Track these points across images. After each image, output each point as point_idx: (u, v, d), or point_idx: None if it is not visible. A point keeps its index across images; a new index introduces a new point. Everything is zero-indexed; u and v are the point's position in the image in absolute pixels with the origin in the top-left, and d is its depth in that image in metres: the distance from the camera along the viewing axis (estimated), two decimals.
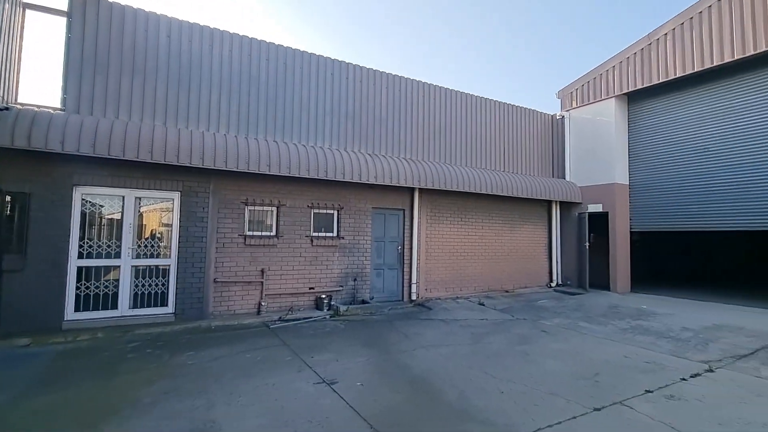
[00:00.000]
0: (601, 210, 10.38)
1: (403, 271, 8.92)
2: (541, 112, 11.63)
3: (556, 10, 46.36)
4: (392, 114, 9.00)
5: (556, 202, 11.17)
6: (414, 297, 8.81)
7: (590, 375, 4.43)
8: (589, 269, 10.36)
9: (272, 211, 7.56)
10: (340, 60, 8.41)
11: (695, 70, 8.82)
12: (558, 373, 4.49)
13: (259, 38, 7.56)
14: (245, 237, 7.16)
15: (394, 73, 9.10)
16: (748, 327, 6.20)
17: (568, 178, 11.33)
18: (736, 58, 8.17)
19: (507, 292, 10.05)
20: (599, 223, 10.43)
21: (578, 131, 11.29)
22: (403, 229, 9.00)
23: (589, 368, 4.65)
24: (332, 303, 7.66)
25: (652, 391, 3.97)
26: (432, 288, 9.21)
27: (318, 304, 7.61)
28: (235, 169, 6.57)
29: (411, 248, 8.96)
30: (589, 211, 10.62)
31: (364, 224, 8.44)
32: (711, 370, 4.59)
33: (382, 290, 8.67)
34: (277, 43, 7.73)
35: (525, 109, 11.29)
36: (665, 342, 5.67)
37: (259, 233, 7.35)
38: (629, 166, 10.38)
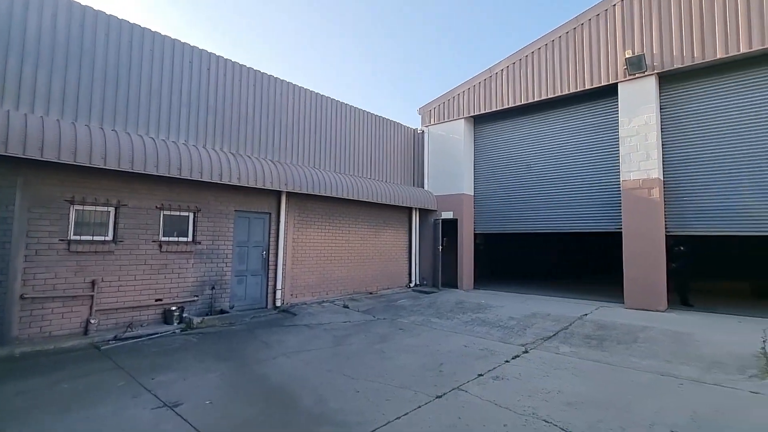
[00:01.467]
0: (452, 217, 11.72)
1: (267, 277, 8.58)
2: (405, 126, 12.58)
3: (440, 24, 50.86)
4: (260, 113, 8.62)
5: (416, 209, 12.20)
6: (279, 303, 8.56)
7: (436, 366, 4.94)
8: (442, 269, 11.59)
9: (109, 211, 6.47)
10: (201, 48, 7.70)
11: (521, 102, 10.67)
12: (409, 367, 4.89)
13: (95, 7, 6.42)
14: (69, 242, 5.96)
15: (262, 71, 8.75)
16: (554, 313, 7.74)
17: (426, 187, 12.49)
18: (548, 96, 10.17)
19: (371, 293, 10.54)
20: (451, 228, 11.76)
21: (435, 146, 12.55)
22: (269, 233, 8.68)
23: (435, 359, 5.19)
24: (184, 315, 6.91)
25: (483, 375, 4.63)
26: (298, 293, 9.09)
27: (167, 318, 6.78)
28: (55, 160, 5.43)
29: (277, 253, 8.70)
30: (442, 217, 11.89)
31: (225, 228, 7.87)
32: (527, 351, 5.59)
33: (244, 298, 8.20)
34: (120, 17, 6.68)
35: (392, 121, 12.06)
36: (496, 330, 6.69)
37: (89, 238, 6.20)
38: (474, 178, 11.97)
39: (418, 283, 12.10)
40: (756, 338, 5.95)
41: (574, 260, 18.23)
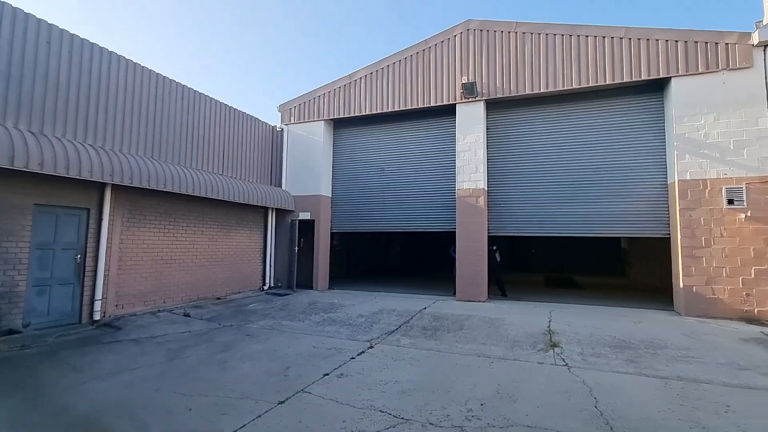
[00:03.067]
0: (309, 217, 11.70)
1: (83, 286, 7.14)
2: (264, 122, 12.03)
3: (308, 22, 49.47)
4: (77, 85, 7.12)
5: (272, 209, 11.78)
6: (99, 317, 7.21)
7: (282, 370, 4.84)
8: (298, 271, 11.45)
9: None
10: None
11: (378, 111, 11.33)
12: (253, 375, 4.67)
13: None
14: None
15: (82, 37, 7.25)
16: (399, 309, 8.41)
17: (284, 187, 12.18)
18: (401, 108, 11.03)
19: (219, 299, 9.74)
20: (309, 228, 11.72)
21: (295, 145, 12.35)
22: (86, 233, 7.24)
23: (282, 363, 5.08)
24: None
25: (328, 374, 4.72)
26: (126, 303, 7.81)
27: None
28: None
29: (97, 257, 7.31)
30: (300, 218, 11.76)
31: (17, 226, 6.24)
32: (372, 347, 5.92)
33: (47, 313, 6.65)
34: None
35: (249, 115, 11.39)
36: (345, 329, 6.92)
37: None
38: (332, 180, 12.18)
39: (272, 285, 11.70)
40: (545, 319, 7.53)
41: (422, 258, 20.20)
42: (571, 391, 4.24)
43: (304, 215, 11.81)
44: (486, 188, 10.00)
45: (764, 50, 7.98)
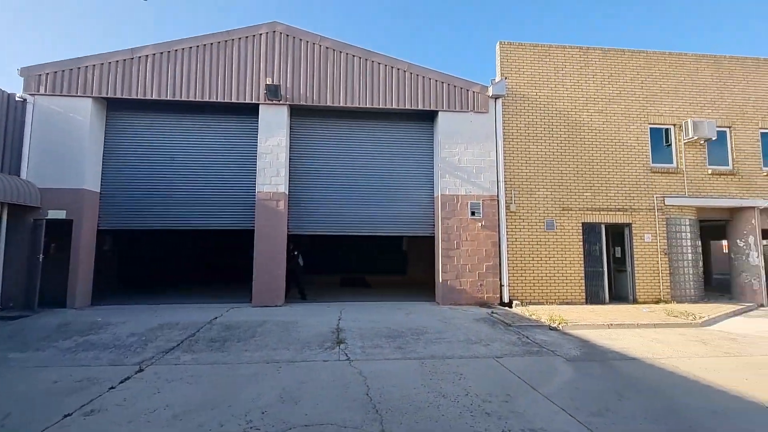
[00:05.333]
0: (65, 217, 9.25)
1: None
2: None
3: None
4: None
5: (4, 204, 8.80)
6: None
7: None
8: (45, 285, 8.87)
9: None
10: None
11: (168, 98, 9.94)
12: None
13: None
14: None
15: None
16: (184, 321, 7.53)
17: (24, 176, 9.28)
18: (198, 99, 9.99)
19: None
20: (64, 230, 9.24)
21: (45, 123, 9.58)
22: None
23: None
24: None
25: (71, 414, 3.80)
26: None
27: None
28: None
29: None
30: (49, 217, 9.17)
31: None
32: (141, 370, 5.09)
33: None
34: None
35: None
36: (108, 353, 5.74)
37: None
38: (102, 171, 10.00)
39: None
40: (336, 318, 8.06)
41: (220, 263, 18.69)
42: (349, 384, 4.65)
43: (57, 214, 9.26)
44: (287, 192, 10.05)
45: (495, 101, 10.72)
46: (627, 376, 5.05)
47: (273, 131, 10.09)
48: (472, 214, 10.19)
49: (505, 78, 10.87)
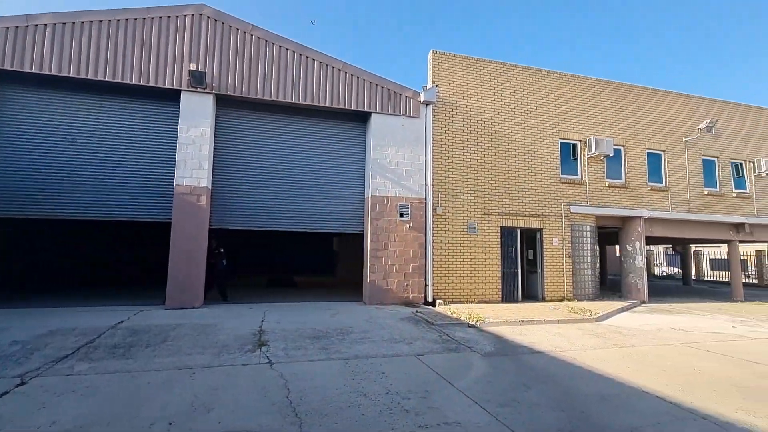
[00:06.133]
0: None
1: None
2: None
3: None
4: None
5: None
6: None
7: None
8: None
9: None
10: None
11: (72, 74, 8.83)
12: None
13: None
14: None
15: None
16: (82, 327, 6.73)
17: None
18: (108, 79, 9.01)
19: None
20: None
21: None
22: None
23: None
24: None
25: None
26: None
27: None
28: None
29: None
30: None
31: None
32: (24, 383, 4.45)
33: None
34: None
35: None
36: None
37: None
38: None
39: None
40: (259, 319, 7.76)
41: (124, 259, 17.02)
42: (269, 387, 4.50)
43: None
44: (210, 186, 9.47)
45: (426, 107, 11.10)
46: (533, 369, 5.52)
47: (196, 121, 9.43)
48: (401, 215, 10.44)
49: (436, 86, 11.31)
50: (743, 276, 21.11)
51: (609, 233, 15.58)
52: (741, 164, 15.24)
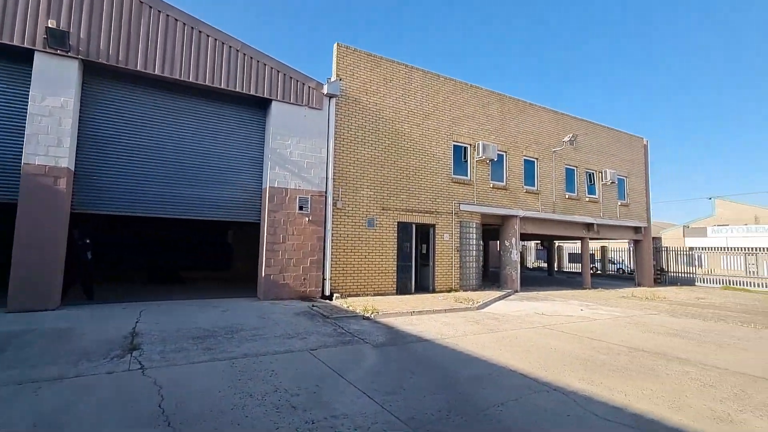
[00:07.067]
0: None
1: None
2: None
3: None
4: None
5: None
6: None
7: None
8: None
9: None
10: None
11: None
12: None
13: None
14: None
15: None
16: None
17: None
18: None
19: None
20: None
21: None
22: None
23: None
24: None
25: None
26: None
27: None
28: None
29: None
30: None
31: None
32: None
33: None
34: None
35: None
36: None
37: None
38: None
39: None
40: (132, 321, 6.91)
41: None
42: (138, 397, 4.03)
43: None
44: (73, 168, 8.11)
45: (330, 100, 10.99)
46: (420, 356, 5.88)
47: (55, 89, 7.97)
48: (300, 208, 10.22)
49: (340, 79, 11.26)
50: (592, 267, 25.30)
51: (492, 230, 17.31)
52: (593, 174, 18.20)
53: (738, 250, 24.59)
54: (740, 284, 20.35)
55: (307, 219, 10.29)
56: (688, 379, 5.21)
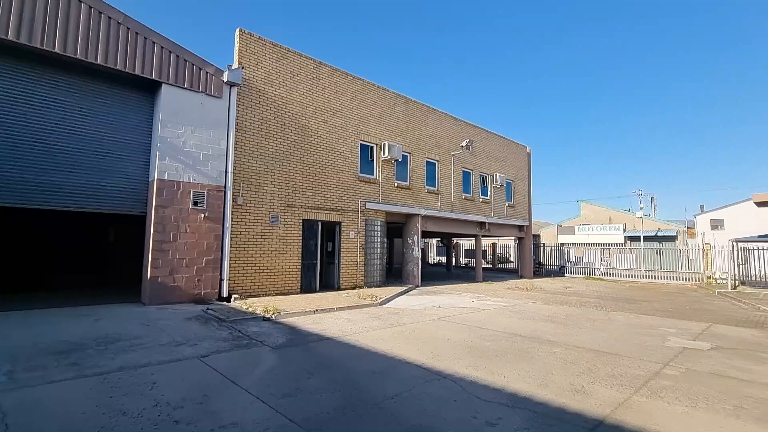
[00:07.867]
0: None
1: None
2: None
3: None
4: None
5: None
6: None
7: None
8: None
9: None
10: None
11: None
12: None
13: None
14: None
15: None
16: None
17: None
18: None
19: None
20: None
21: None
22: None
23: None
24: None
25: None
26: None
27: None
28: None
29: None
30: None
31: None
32: None
33: None
34: None
35: None
36: None
37: None
38: None
39: None
40: None
41: None
42: None
43: None
44: None
45: (231, 89, 10.31)
46: (320, 355, 5.85)
47: None
48: (195, 203, 9.43)
49: (243, 67, 10.64)
50: (484, 262, 27.75)
51: (396, 227, 17.97)
52: (486, 177, 19.97)
53: (596, 245, 29.17)
54: (597, 274, 24.18)
55: (203, 215, 9.52)
56: (554, 358, 6.02)
